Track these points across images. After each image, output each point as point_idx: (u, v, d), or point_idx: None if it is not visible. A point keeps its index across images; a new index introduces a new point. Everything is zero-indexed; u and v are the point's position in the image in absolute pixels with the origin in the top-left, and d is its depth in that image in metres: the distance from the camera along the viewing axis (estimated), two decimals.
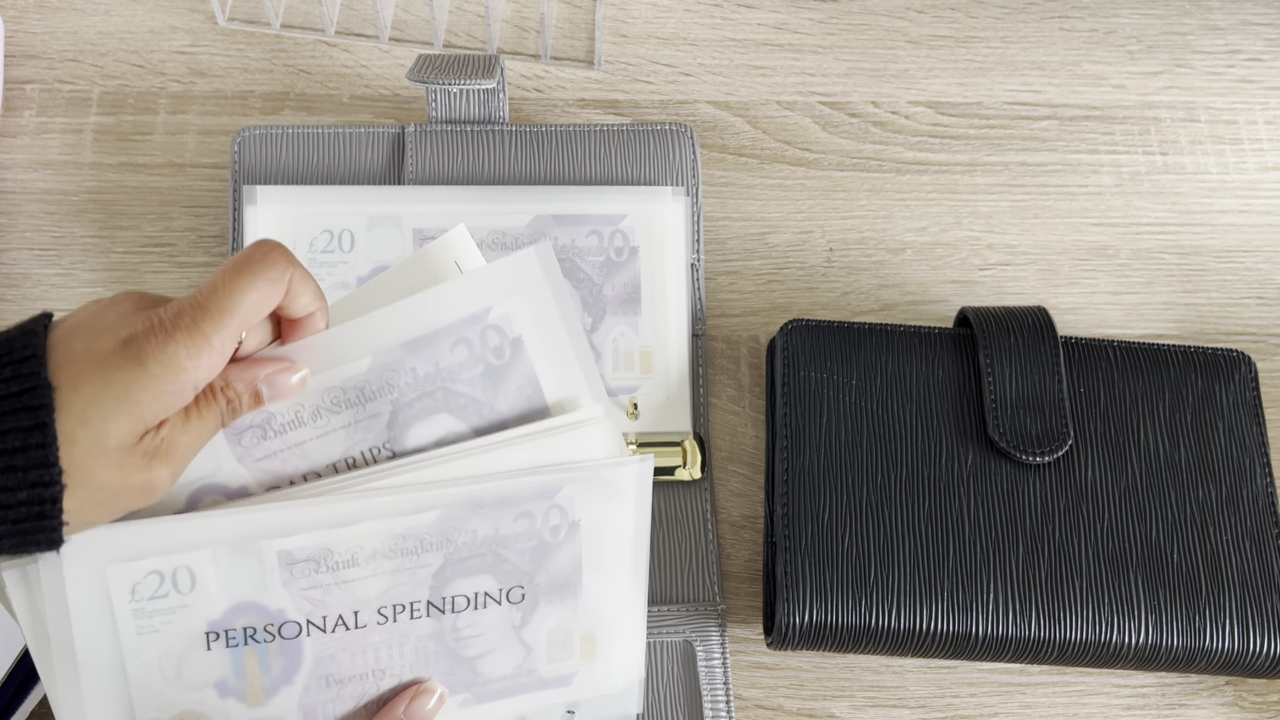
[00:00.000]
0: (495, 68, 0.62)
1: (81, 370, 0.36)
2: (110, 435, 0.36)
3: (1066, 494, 0.54)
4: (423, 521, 0.43)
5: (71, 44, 0.69)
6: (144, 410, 0.36)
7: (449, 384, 0.44)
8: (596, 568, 0.46)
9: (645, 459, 0.45)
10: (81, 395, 0.35)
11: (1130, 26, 0.72)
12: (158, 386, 0.36)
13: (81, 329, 0.37)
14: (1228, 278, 0.66)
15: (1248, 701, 0.57)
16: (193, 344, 0.37)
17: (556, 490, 0.44)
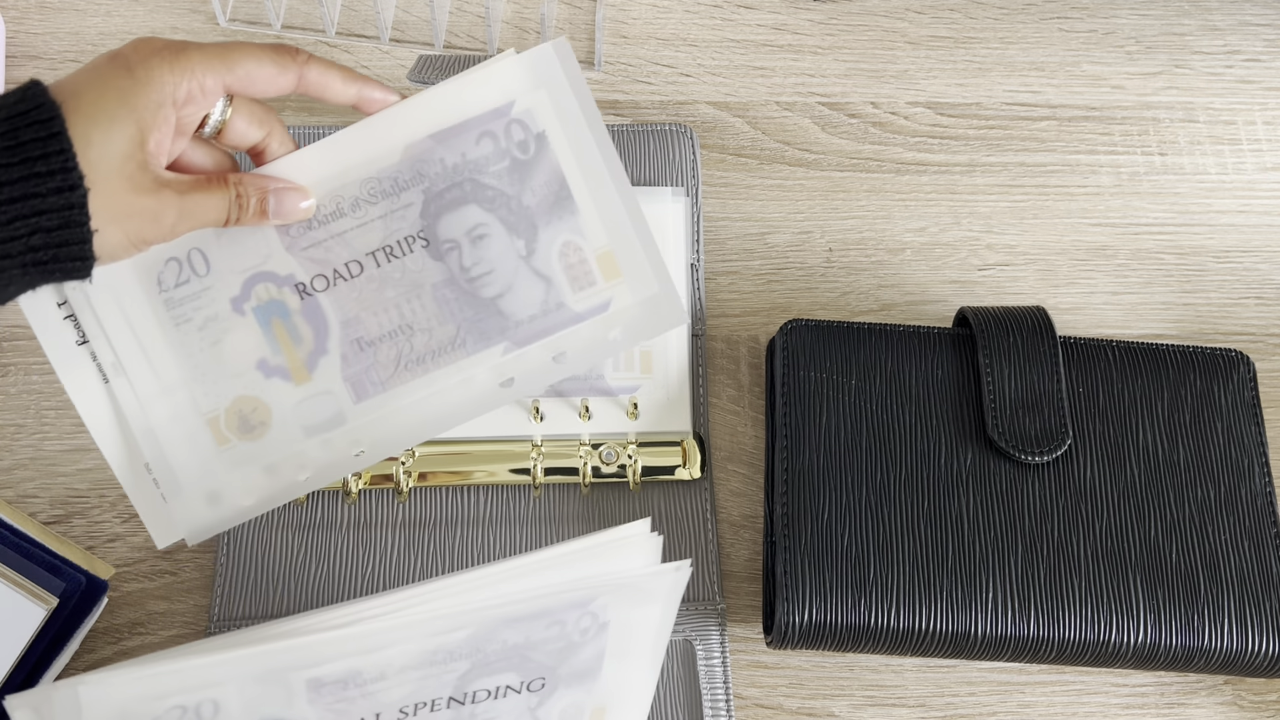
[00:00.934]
0: None
1: (80, 86, 0.39)
2: (116, 136, 0.39)
3: (1065, 494, 0.55)
4: (455, 639, 0.41)
5: (73, 44, 0.69)
6: (139, 115, 0.40)
7: (477, 175, 0.46)
8: (619, 658, 0.45)
9: (681, 568, 0.43)
10: (85, 101, 0.39)
11: (1129, 27, 0.72)
12: (143, 91, 0.40)
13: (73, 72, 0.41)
14: (1226, 278, 0.66)
15: (1246, 701, 0.57)
16: (175, 62, 0.41)
17: (591, 600, 0.42)
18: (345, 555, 0.57)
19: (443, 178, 0.46)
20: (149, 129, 0.40)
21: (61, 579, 0.52)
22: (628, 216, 0.48)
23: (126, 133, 0.39)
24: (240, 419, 0.47)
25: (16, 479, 0.59)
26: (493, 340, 0.48)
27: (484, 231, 0.46)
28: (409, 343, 0.47)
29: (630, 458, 0.58)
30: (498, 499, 0.58)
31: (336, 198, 0.45)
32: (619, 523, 0.57)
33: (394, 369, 0.47)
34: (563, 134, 0.47)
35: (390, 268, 0.46)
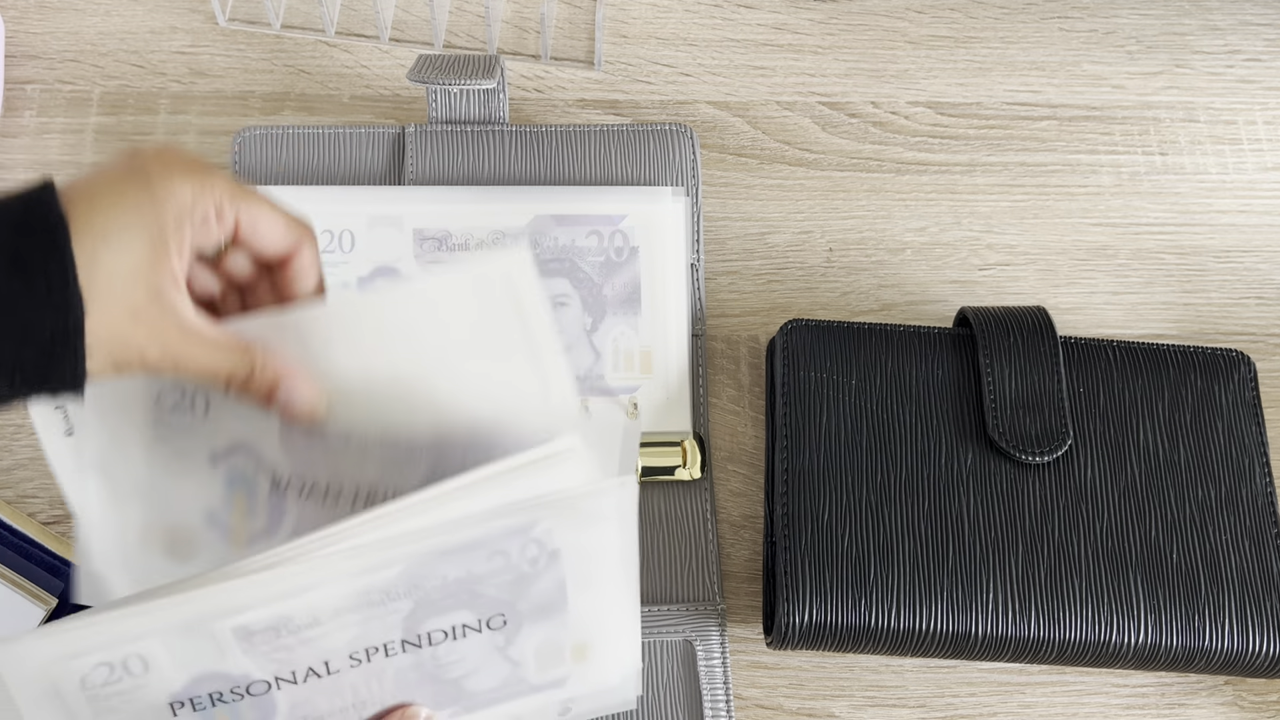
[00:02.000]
0: (495, 68, 0.62)
1: (94, 194, 0.37)
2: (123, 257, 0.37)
3: (1066, 494, 0.54)
4: (385, 577, 0.39)
5: (72, 44, 0.69)
6: (150, 229, 0.37)
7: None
8: (582, 587, 0.44)
9: (625, 482, 0.41)
10: (98, 214, 0.37)
11: (1130, 27, 0.72)
12: (161, 207, 0.37)
13: (87, 174, 0.38)
14: (1227, 278, 0.66)
15: (1247, 701, 0.57)
16: (198, 178, 0.39)
17: (531, 526, 0.40)
18: None
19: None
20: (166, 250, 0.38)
21: (61, 579, 0.52)
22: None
23: (139, 254, 0.37)
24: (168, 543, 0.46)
25: (16, 479, 0.58)
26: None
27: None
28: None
29: None
30: None
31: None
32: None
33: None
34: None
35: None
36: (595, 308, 0.60)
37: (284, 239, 0.41)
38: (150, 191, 0.37)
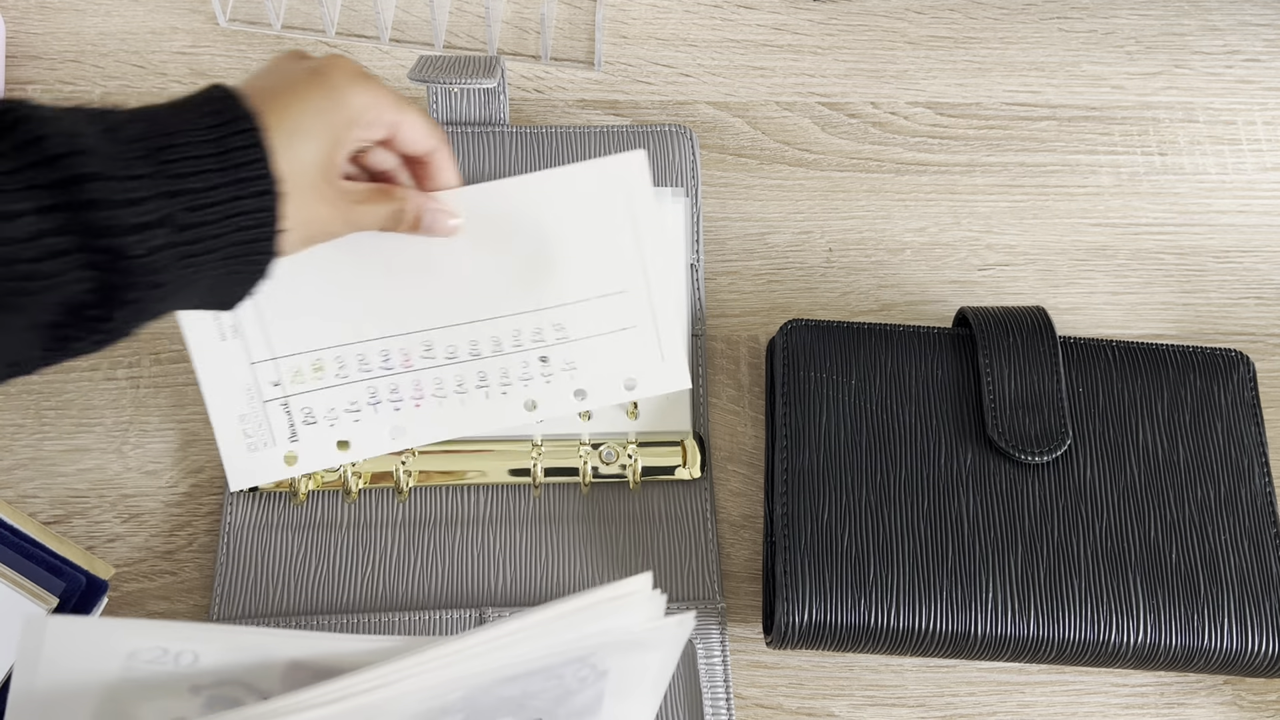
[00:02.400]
0: (496, 68, 0.62)
1: (277, 95, 0.43)
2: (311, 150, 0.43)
3: (1065, 494, 0.55)
4: (447, 700, 0.40)
5: (73, 44, 0.69)
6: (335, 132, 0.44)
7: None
8: (619, 697, 0.44)
9: (684, 622, 0.41)
10: (286, 114, 0.42)
11: (1129, 27, 0.72)
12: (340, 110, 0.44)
13: (259, 77, 0.45)
14: (1226, 278, 0.66)
15: (1246, 701, 0.57)
16: (368, 90, 0.46)
17: (589, 655, 0.41)
18: (345, 555, 0.57)
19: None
20: (339, 145, 0.45)
21: (61, 579, 0.52)
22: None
23: (322, 146, 0.44)
24: None
25: (16, 479, 0.59)
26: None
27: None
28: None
29: (630, 457, 0.58)
30: (498, 499, 0.58)
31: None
32: (619, 522, 0.58)
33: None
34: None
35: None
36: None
37: (425, 142, 0.49)
38: (333, 98, 0.44)
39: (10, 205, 0.34)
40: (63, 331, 0.38)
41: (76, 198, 0.35)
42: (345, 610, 0.56)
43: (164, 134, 0.38)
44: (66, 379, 0.60)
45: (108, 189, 0.36)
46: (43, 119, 0.36)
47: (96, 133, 0.37)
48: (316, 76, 0.44)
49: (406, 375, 0.57)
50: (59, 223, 0.35)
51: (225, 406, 0.55)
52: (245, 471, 0.56)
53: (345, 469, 0.57)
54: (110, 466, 0.59)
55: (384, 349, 0.56)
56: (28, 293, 0.35)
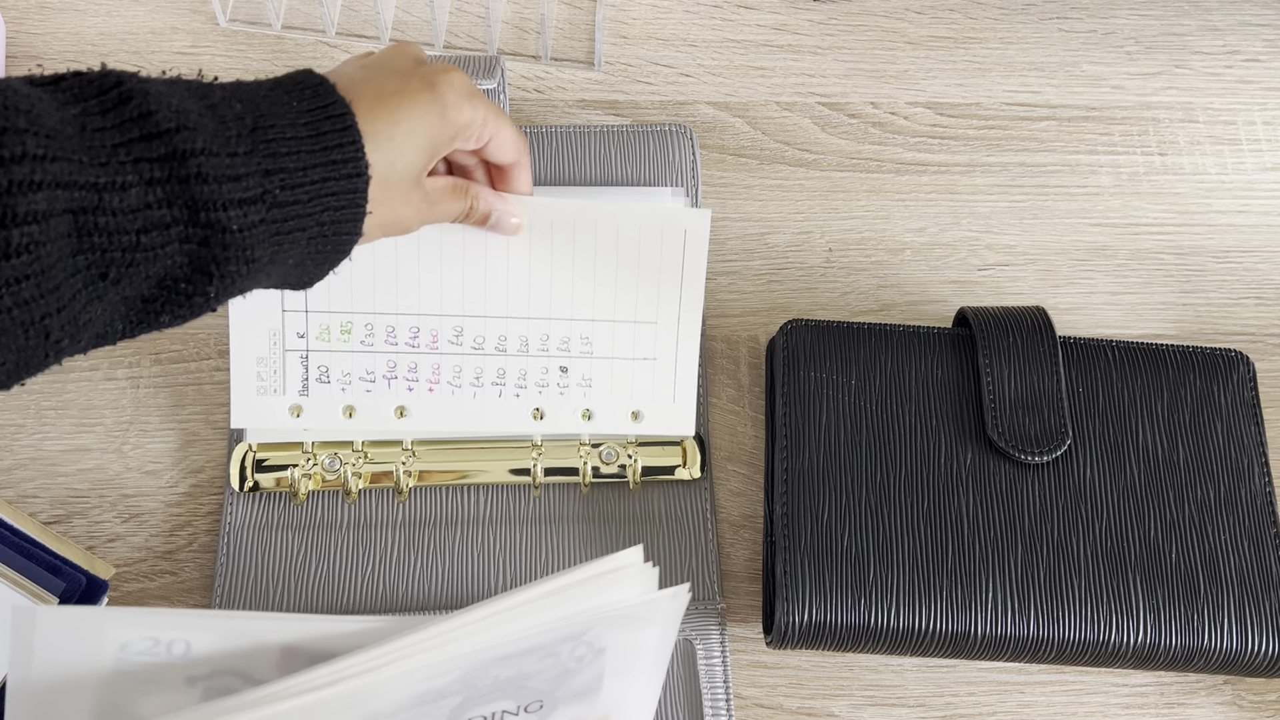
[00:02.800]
0: (496, 68, 0.62)
1: (382, 99, 0.44)
2: (408, 160, 0.45)
3: (1065, 493, 0.55)
4: (443, 681, 0.40)
5: (73, 45, 0.69)
6: (436, 149, 0.46)
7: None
8: (618, 675, 0.45)
9: (678, 594, 0.42)
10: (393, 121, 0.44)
11: (1129, 27, 0.72)
12: (449, 130, 0.46)
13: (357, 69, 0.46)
14: (1226, 278, 0.66)
15: (1246, 701, 0.57)
16: (476, 110, 0.47)
17: (585, 632, 0.41)
18: (345, 555, 0.57)
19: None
20: (436, 156, 0.47)
21: (61, 579, 0.52)
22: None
23: (422, 157, 0.46)
24: None
25: (16, 479, 0.59)
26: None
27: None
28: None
29: (630, 457, 0.58)
30: (498, 499, 0.58)
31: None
32: (619, 522, 0.58)
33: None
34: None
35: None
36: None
37: (511, 155, 0.51)
38: (445, 116, 0.46)
39: (121, 176, 0.35)
40: (153, 305, 0.39)
41: (182, 172, 0.36)
42: (345, 610, 0.56)
43: (260, 114, 0.40)
44: (66, 379, 0.60)
45: (211, 164, 0.37)
46: (151, 94, 0.37)
47: (201, 109, 0.38)
48: (431, 91, 0.46)
49: (429, 356, 0.57)
50: (164, 195, 0.36)
51: (247, 345, 0.57)
52: (250, 412, 0.57)
53: (345, 469, 0.57)
54: (110, 466, 0.59)
55: (415, 325, 0.57)
56: (131, 264, 0.36)
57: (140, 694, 0.39)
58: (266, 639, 0.39)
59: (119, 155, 0.36)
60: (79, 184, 0.34)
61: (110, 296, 0.37)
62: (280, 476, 0.58)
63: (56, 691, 0.38)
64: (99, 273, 0.36)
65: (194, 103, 0.38)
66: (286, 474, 0.58)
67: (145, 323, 0.40)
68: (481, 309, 0.57)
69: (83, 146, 0.35)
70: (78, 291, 0.36)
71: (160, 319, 0.40)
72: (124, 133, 0.36)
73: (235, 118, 0.39)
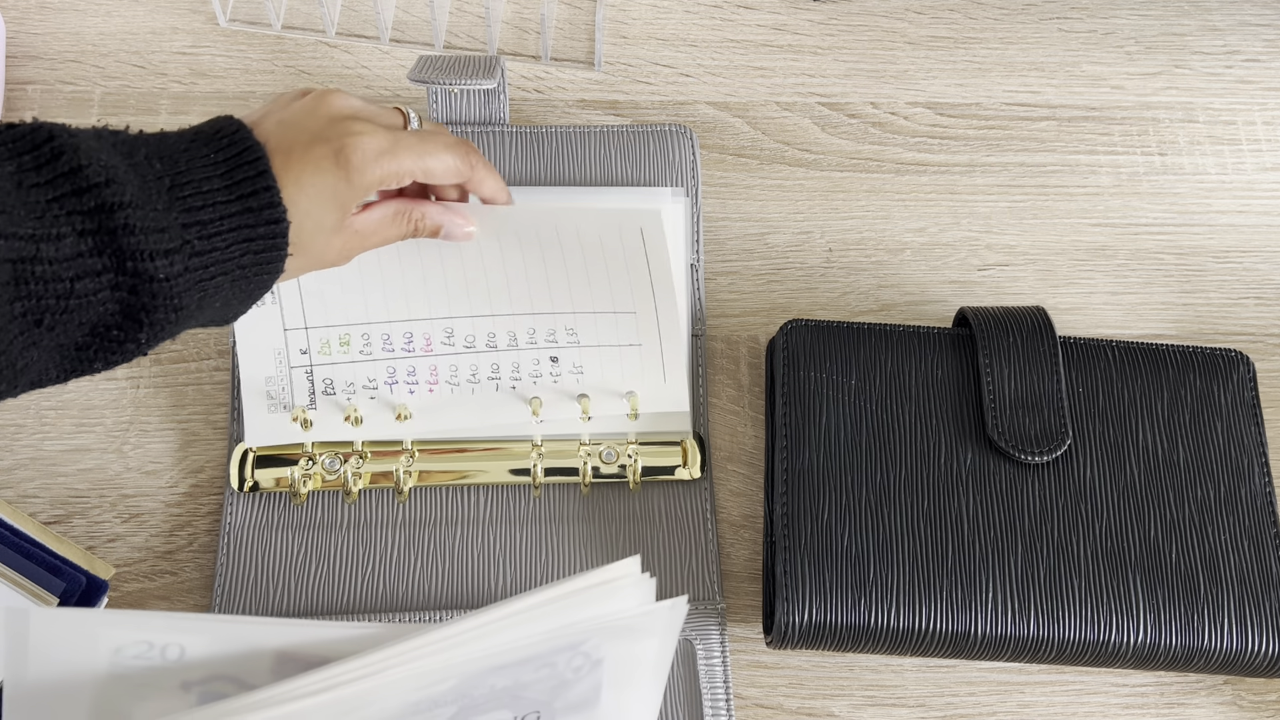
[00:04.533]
0: (496, 68, 0.62)
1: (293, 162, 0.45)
2: (320, 216, 0.46)
3: (1065, 493, 0.55)
4: (438, 690, 0.40)
5: (73, 45, 0.69)
6: (343, 205, 0.47)
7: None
8: (616, 687, 0.44)
9: (676, 606, 0.42)
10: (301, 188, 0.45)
11: (1129, 27, 0.72)
12: (357, 193, 0.47)
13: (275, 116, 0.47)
14: (1226, 278, 0.66)
15: (1246, 701, 0.57)
16: (389, 165, 0.47)
17: (582, 643, 0.41)
18: (345, 555, 0.57)
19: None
20: (349, 210, 0.48)
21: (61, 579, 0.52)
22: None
23: (329, 220, 0.46)
24: None
25: (16, 479, 0.59)
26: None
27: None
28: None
29: (630, 457, 0.58)
30: (498, 499, 0.58)
31: None
32: (619, 523, 0.58)
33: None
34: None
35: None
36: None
37: (454, 178, 0.51)
38: (349, 182, 0.46)
39: (56, 228, 0.38)
40: (86, 352, 0.41)
41: (110, 223, 0.38)
42: (345, 611, 0.56)
43: (177, 171, 0.41)
44: None
45: (137, 217, 0.39)
46: (81, 149, 0.39)
47: (125, 165, 0.40)
48: (335, 158, 0.46)
49: (425, 359, 0.58)
50: (95, 245, 0.38)
51: (255, 365, 0.58)
52: (263, 429, 0.58)
53: (345, 469, 0.57)
54: (110, 466, 0.59)
55: (408, 330, 0.58)
56: (66, 310, 0.38)
57: (135, 699, 0.39)
58: (261, 644, 0.39)
59: (53, 209, 0.38)
60: (18, 235, 0.36)
61: (45, 343, 0.39)
62: (280, 476, 0.58)
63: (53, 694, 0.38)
64: (35, 319, 0.38)
65: (119, 159, 0.40)
66: (286, 474, 0.58)
67: (79, 369, 0.41)
68: (467, 309, 0.58)
69: (20, 201, 0.37)
70: (15, 337, 0.37)
71: (94, 365, 0.41)
72: (57, 187, 0.38)
73: (155, 176, 0.41)
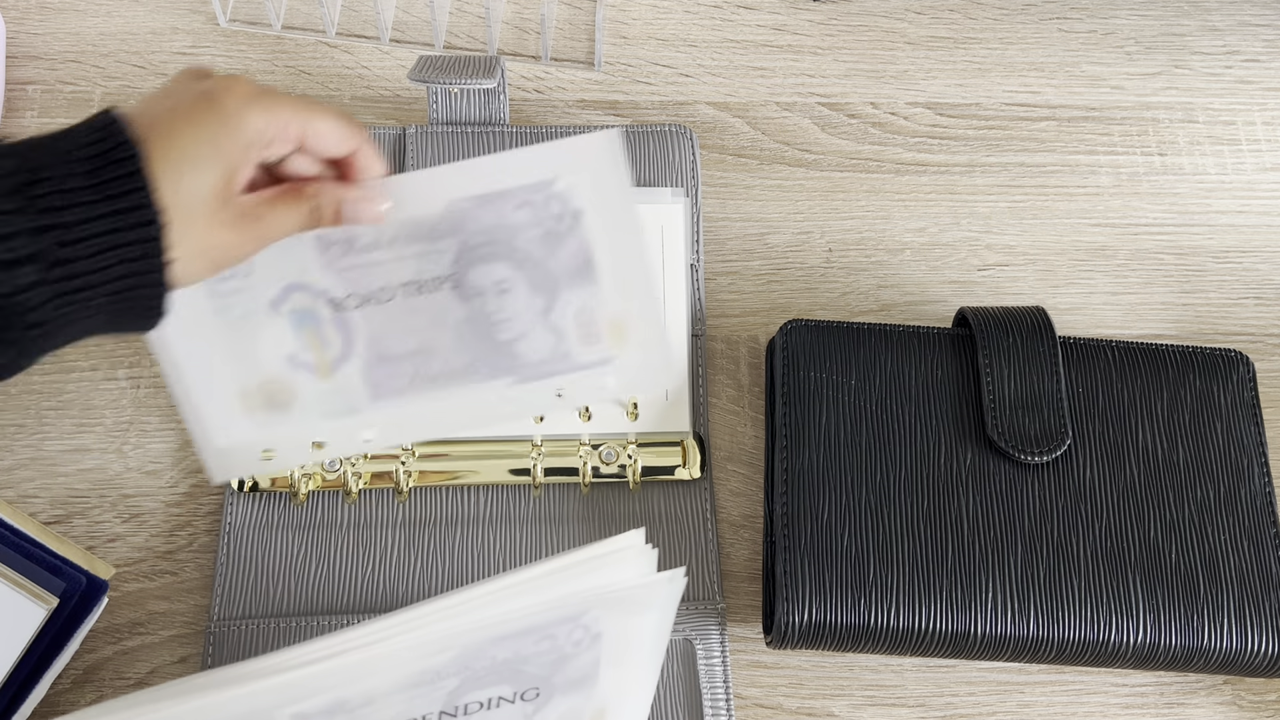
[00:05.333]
0: (496, 68, 0.62)
1: (164, 120, 0.40)
2: (203, 177, 0.40)
3: (1065, 493, 0.55)
4: (441, 660, 0.41)
5: (73, 45, 0.69)
6: (229, 157, 0.41)
7: (511, 238, 0.50)
8: (614, 664, 0.45)
9: (675, 578, 0.43)
10: (174, 140, 0.40)
11: (1128, 28, 0.72)
12: (235, 134, 0.41)
13: (153, 99, 0.42)
14: (1225, 278, 0.66)
15: (1246, 700, 0.57)
16: (267, 108, 0.42)
17: (582, 614, 0.42)
18: (345, 555, 0.57)
19: (479, 234, 0.49)
20: (234, 170, 0.42)
21: (61, 579, 0.52)
22: (641, 292, 0.53)
23: (214, 174, 0.41)
24: (267, 396, 0.53)
25: (16, 479, 0.59)
26: (501, 374, 0.53)
27: (509, 286, 0.51)
28: (427, 363, 0.52)
29: (630, 458, 0.58)
30: (498, 499, 0.58)
31: (375, 231, 0.49)
32: (619, 523, 0.58)
33: (409, 381, 0.53)
34: (597, 214, 0.50)
35: (419, 300, 0.51)
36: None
37: (343, 143, 0.46)
38: (225, 124, 0.41)
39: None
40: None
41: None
42: (345, 610, 0.56)
43: (33, 168, 0.37)
44: (67, 379, 0.60)
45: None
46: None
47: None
48: (207, 101, 0.41)
49: None
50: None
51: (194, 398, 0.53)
52: (222, 466, 0.54)
53: (345, 469, 0.57)
54: (110, 466, 0.59)
55: None
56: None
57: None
58: None
59: None
60: None
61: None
62: (280, 477, 0.58)
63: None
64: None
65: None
66: (286, 474, 0.58)
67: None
68: None
69: None
70: None
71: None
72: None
73: (5, 174, 0.36)
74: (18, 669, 0.50)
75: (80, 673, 0.55)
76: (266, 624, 0.55)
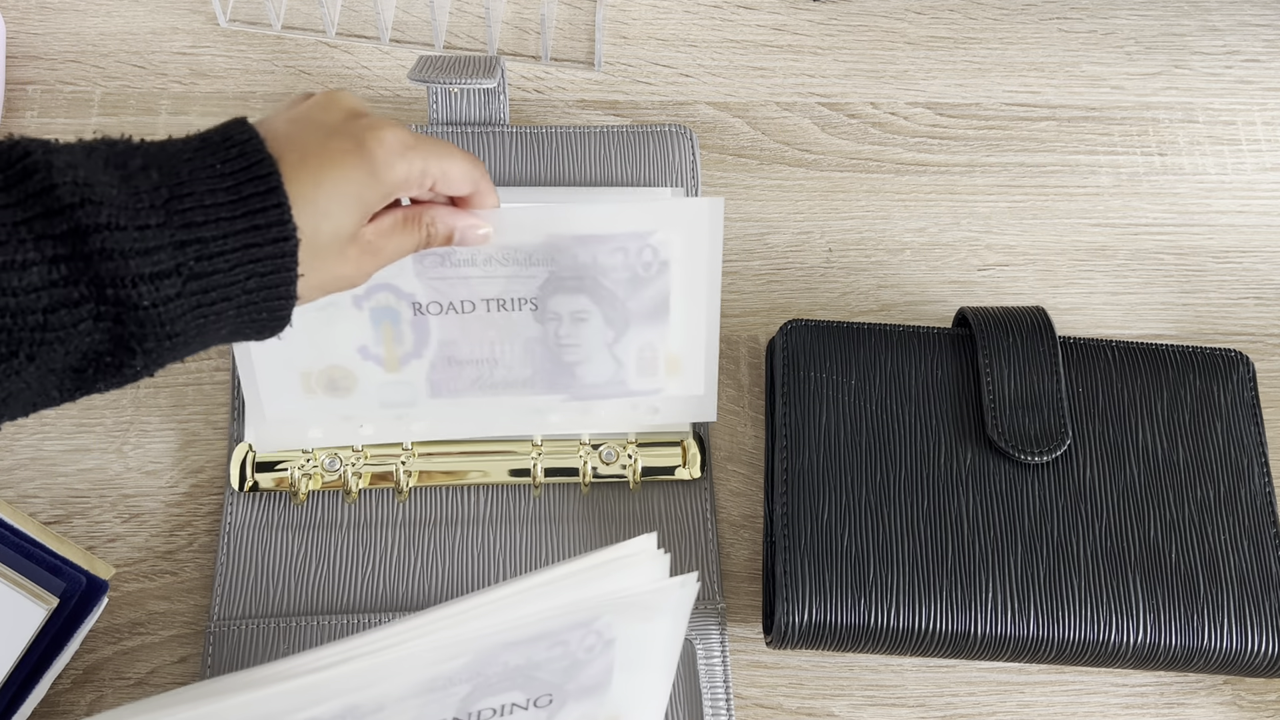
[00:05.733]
0: (496, 68, 0.62)
1: (314, 160, 0.41)
2: (339, 222, 0.42)
3: (1065, 493, 0.55)
4: (452, 666, 0.40)
5: (73, 45, 0.69)
6: (365, 206, 0.43)
7: (599, 276, 0.53)
8: (627, 670, 0.45)
9: (687, 583, 0.43)
10: (318, 188, 0.41)
11: (1128, 28, 0.72)
12: (379, 189, 0.43)
13: (301, 122, 0.43)
14: (1226, 278, 0.66)
15: (1246, 700, 0.57)
16: (410, 161, 0.44)
17: (595, 620, 0.42)
18: (345, 555, 0.57)
19: (570, 269, 0.53)
20: (369, 214, 0.44)
21: (61, 579, 0.52)
22: (704, 336, 0.56)
23: (350, 221, 0.42)
24: (329, 380, 0.56)
25: (16, 479, 0.59)
26: (558, 390, 0.57)
27: (586, 316, 0.54)
28: (491, 371, 0.56)
29: (630, 458, 0.58)
30: (498, 499, 0.58)
31: (474, 250, 0.52)
32: (619, 523, 0.58)
33: (471, 385, 0.56)
34: (683, 267, 0.54)
35: (498, 315, 0.54)
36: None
37: (465, 186, 0.48)
38: (373, 176, 0.43)
39: (22, 254, 0.34)
40: (84, 375, 0.38)
41: (84, 249, 0.35)
42: (345, 610, 0.56)
43: (178, 182, 0.38)
44: None
45: (116, 239, 0.35)
46: (56, 166, 0.35)
47: (113, 179, 0.37)
48: (358, 150, 0.43)
49: None
50: (69, 273, 0.35)
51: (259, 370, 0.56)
52: (266, 437, 0.58)
53: (346, 469, 0.57)
54: (110, 466, 0.59)
55: None
56: (43, 342, 0.35)
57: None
58: None
59: (19, 233, 0.34)
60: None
61: (29, 372, 0.36)
62: (280, 476, 0.58)
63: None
64: (9, 350, 0.35)
65: (108, 173, 0.37)
66: (286, 474, 0.58)
67: (82, 389, 0.39)
68: None
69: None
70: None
71: (96, 386, 0.39)
72: (26, 209, 0.35)
73: (150, 188, 0.37)
74: (18, 669, 0.50)
75: (80, 673, 0.55)
76: (266, 624, 0.55)
